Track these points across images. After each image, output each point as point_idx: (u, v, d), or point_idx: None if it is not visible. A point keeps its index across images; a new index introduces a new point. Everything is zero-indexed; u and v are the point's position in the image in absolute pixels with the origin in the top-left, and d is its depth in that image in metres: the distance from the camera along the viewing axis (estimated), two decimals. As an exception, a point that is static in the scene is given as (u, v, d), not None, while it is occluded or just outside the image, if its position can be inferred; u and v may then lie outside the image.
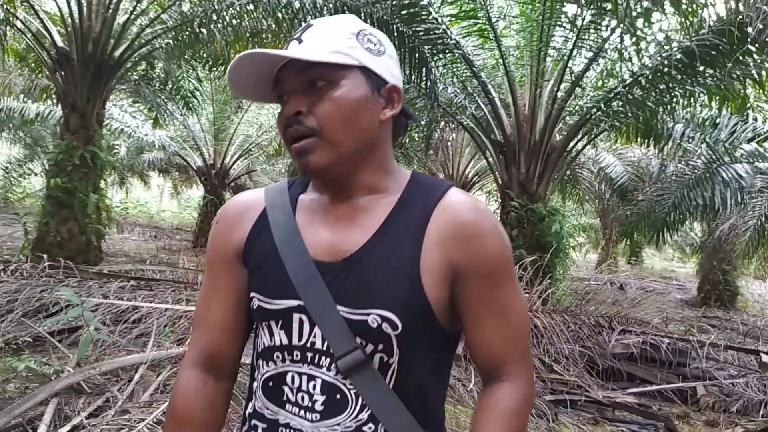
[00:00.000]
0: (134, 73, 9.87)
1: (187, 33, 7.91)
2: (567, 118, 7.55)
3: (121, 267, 7.72)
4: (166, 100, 11.00)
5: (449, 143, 13.35)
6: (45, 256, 6.00)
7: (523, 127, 7.22)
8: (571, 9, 6.39)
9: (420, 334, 0.87)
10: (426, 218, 0.88)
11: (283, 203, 0.96)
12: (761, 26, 5.38)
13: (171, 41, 8.16)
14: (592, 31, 6.69)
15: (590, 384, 4.53)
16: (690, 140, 8.80)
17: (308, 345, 0.88)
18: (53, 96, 10.67)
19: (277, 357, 0.91)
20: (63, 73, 7.81)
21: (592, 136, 8.00)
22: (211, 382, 0.98)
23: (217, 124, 13.44)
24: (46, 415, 2.90)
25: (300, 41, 0.87)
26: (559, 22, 6.56)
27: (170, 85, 10.37)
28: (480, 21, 6.91)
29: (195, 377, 0.97)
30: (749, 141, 8.28)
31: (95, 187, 8.07)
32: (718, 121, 8.53)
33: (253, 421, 0.94)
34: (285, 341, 0.90)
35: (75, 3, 7.59)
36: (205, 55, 8.94)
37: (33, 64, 9.96)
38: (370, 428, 0.87)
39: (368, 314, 0.85)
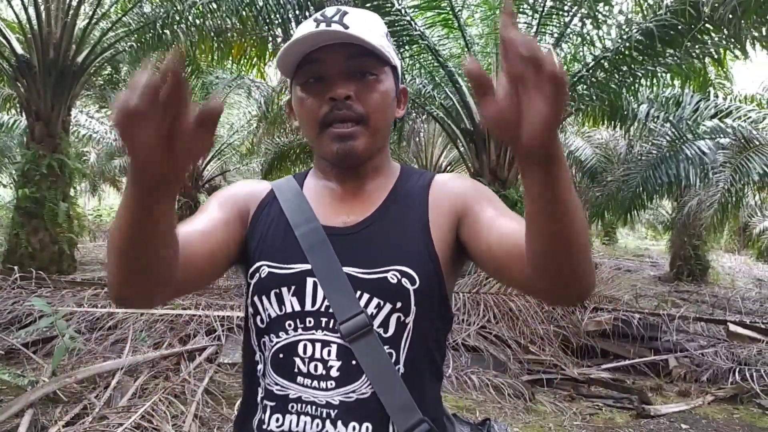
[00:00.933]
0: (99, 78, 9.74)
1: (151, 35, 7.82)
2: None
3: (95, 275, 7.63)
4: (133, 104, 10.85)
5: (421, 134, 13.42)
6: (16, 267, 5.92)
7: (491, 114, 7.29)
8: (531, -5, 6.47)
9: (431, 292, 0.89)
10: (426, 188, 0.97)
11: (290, 187, 1.00)
12: (716, 5, 5.51)
13: (134, 44, 8.06)
14: (554, 16, 6.78)
15: (565, 362, 4.63)
16: (655, 120, 8.96)
17: (322, 309, 0.87)
18: (17, 105, 10.48)
19: (289, 325, 0.88)
20: (25, 81, 7.68)
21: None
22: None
23: (187, 126, 13.29)
24: (22, 426, 2.88)
25: (345, 26, 0.87)
26: (521, 9, 6.62)
27: (136, 89, 10.23)
28: (444, 11, 6.95)
29: None
30: (712, 118, 8.46)
31: (65, 196, 7.96)
32: (681, 99, 8.70)
33: (265, 402, 0.91)
34: (297, 307, 0.88)
35: (33, 9, 7.45)
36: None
37: (-7, 74, 9.74)
38: None
39: (387, 271, 0.87)
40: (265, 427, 0.89)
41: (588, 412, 3.97)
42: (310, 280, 0.88)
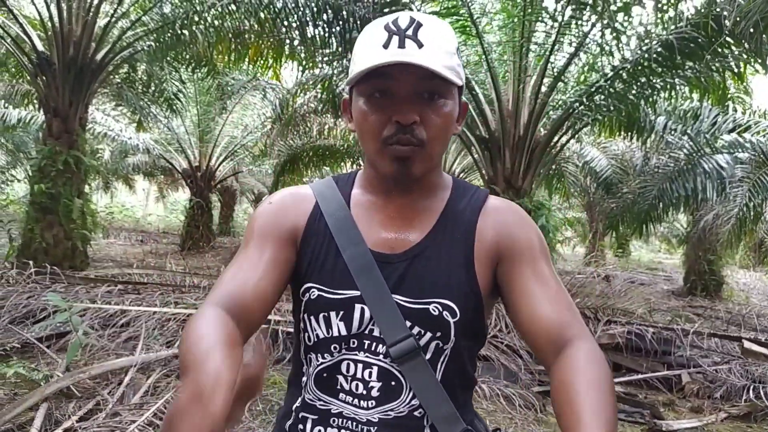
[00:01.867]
0: (116, 76, 9.81)
1: (169, 35, 7.87)
2: (550, 112, 7.62)
3: (107, 272, 7.68)
4: (149, 103, 10.94)
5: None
6: (31, 262, 5.97)
7: (507, 122, 7.28)
8: (551, 4, 6.46)
9: (471, 322, 0.92)
10: (475, 216, 0.96)
11: (334, 196, 0.99)
12: (737, 19, 5.47)
13: (153, 43, 8.12)
14: (573, 26, 6.76)
15: (578, 374, 4.59)
16: (672, 132, 8.90)
17: (366, 332, 0.91)
18: (35, 101, 10.59)
19: (334, 348, 0.92)
20: (44, 77, 7.75)
21: (576, 130, 8.07)
22: (232, 325, 0.79)
23: (202, 126, 13.37)
24: (37, 419, 2.90)
25: (420, 44, 0.85)
26: (540, 18, 6.62)
27: (153, 88, 10.31)
28: (462, 18, 6.94)
29: (216, 314, 0.79)
30: (730, 132, 8.39)
31: (79, 192, 8.03)
32: (699, 112, 8.65)
33: (302, 414, 0.95)
34: (344, 332, 0.92)
35: (55, 7, 7.54)
36: (187, 57, 8.91)
37: (13, 69, 9.86)
38: (420, 413, 0.91)
39: (429, 303, 0.90)
40: None
41: (600, 426, 3.93)
42: (358, 307, 0.91)
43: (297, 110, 11.72)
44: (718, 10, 5.67)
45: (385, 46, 0.85)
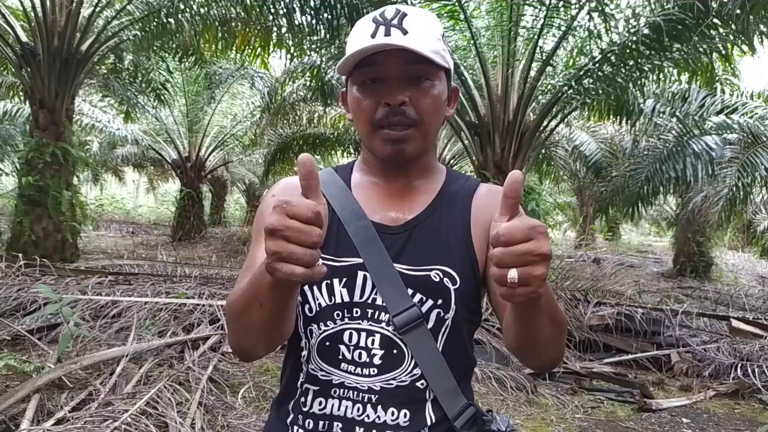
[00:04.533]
0: (102, 67, 9.71)
1: (155, 23, 7.80)
2: (539, 97, 7.61)
3: (98, 263, 7.65)
4: (136, 93, 10.84)
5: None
6: (20, 255, 5.93)
7: (496, 107, 7.27)
8: (539, -12, 6.43)
9: (470, 292, 0.95)
10: (469, 198, 1.01)
11: (335, 181, 1.02)
12: (726, 0, 5.48)
13: (138, 32, 8.05)
14: (561, 9, 6.74)
15: (568, 356, 4.64)
16: (661, 115, 8.92)
17: (369, 301, 0.93)
18: (20, 93, 10.47)
19: (337, 315, 0.94)
20: (29, 69, 7.66)
21: (565, 114, 8.08)
22: None
23: (191, 116, 13.27)
24: (29, 410, 2.90)
25: (404, 32, 0.90)
26: (528, 2, 6.59)
27: (140, 78, 10.21)
28: (450, 2, 6.90)
29: None
30: (718, 113, 8.42)
31: (68, 184, 7.97)
32: (687, 95, 8.66)
33: (305, 386, 0.96)
34: (346, 298, 0.93)
35: (38, -3, 7.43)
36: (174, 46, 8.83)
37: (-3, 61, 9.73)
38: (422, 384, 0.93)
39: (431, 270, 0.93)
40: (305, 409, 0.95)
41: (590, 406, 3.98)
42: (360, 274, 0.93)
43: (286, 99, 11.66)
44: (705, -10, 5.66)
45: (373, 35, 0.91)
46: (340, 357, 0.93)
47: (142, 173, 24.77)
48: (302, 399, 0.95)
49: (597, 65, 6.90)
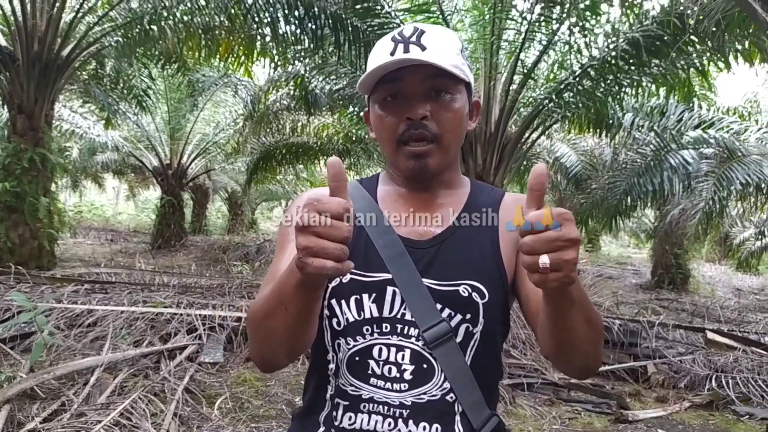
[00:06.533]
0: (84, 73, 9.61)
1: (138, 30, 7.75)
2: (521, 109, 7.70)
3: (75, 271, 7.54)
4: (117, 100, 10.74)
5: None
6: (-6, 262, 5.84)
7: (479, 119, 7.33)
8: (521, 3, 6.53)
9: (499, 305, 0.95)
10: (496, 206, 1.02)
11: (362, 194, 1.03)
12: (701, 17, 5.60)
13: (120, 39, 7.98)
14: (542, 24, 6.83)
15: (546, 367, 4.66)
16: (640, 129, 9.05)
17: (398, 317, 0.93)
18: (-1, 98, 10.32)
19: (366, 330, 0.94)
20: (8, 73, 7.57)
21: (546, 126, 8.17)
22: None
23: (173, 123, 13.18)
24: (-2, 421, 2.85)
25: (423, 48, 0.92)
26: (510, 16, 6.67)
27: (122, 84, 10.12)
28: (433, 15, 6.95)
29: None
30: (695, 128, 8.58)
31: (46, 191, 7.87)
32: (665, 109, 8.80)
33: (336, 400, 0.95)
34: (375, 314, 0.94)
35: (18, 1, 7.35)
36: (157, 53, 8.78)
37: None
38: (451, 398, 0.93)
39: (459, 285, 0.93)
40: (336, 423, 0.95)
41: (567, 417, 4.00)
42: (389, 289, 0.94)
43: (269, 107, 11.63)
44: (682, 8, 5.78)
45: (392, 53, 0.93)
46: (370, 372, 0.93)
47: (122, 180, 24.50)
48: (334, 413, 0.95)
49: (577, 79, 7.00)
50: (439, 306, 0.93)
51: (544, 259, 0.68)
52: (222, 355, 4.39)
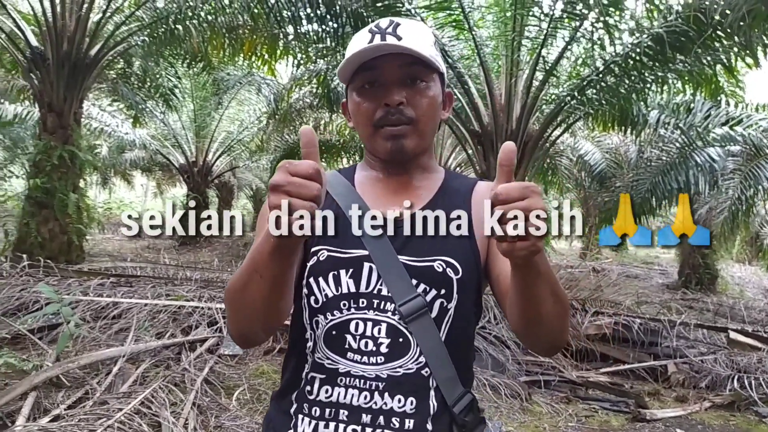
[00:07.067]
0: (111, 72, 9.83)
1: (163, 30, 7.89)
2: (543, 106, 7.64)
3: (102, 265, 7.72)
4: (145, 98, 10.96)
5: (431, 135, 13.42)
6: (25, 256, 6.01)
7: (499, 116, 7.30)
8: (543, -1, 6.49)
9: (471, 283, 0.99)
10: (470, 190, 1.06)
11: (340, 181, 1.06)
12: (727, 12, 5.50)
13: (147, 38, 8.14)
14: (564, 20, 6.77)
15: (564, 365, 4.64)
16: (666, 126, 8.92)
17: (375, 292, 0.96)
18: (30, 96, 10.60)
19: (344, 305, 0.97)
20: (38, 72, 7.78)
21: (568, 124, 8.10)
22: None
23: (198, 121, 13.40)
24: (25, 407, 2.95)
25: (399, 38, 0.96)
26: (531, 12, 6.64)
27: (149, 83, 10.33)
28: (454, 12, 6.96)
29: None
30: (723, 125, 8.41)
31: (75, 187, 8.06)
32: (692, 106, 8.65)
33: (311, 375, 0.98)
34: (353, 289, 0.97)
35: (48, 2, 7.55)
36: (182, 52, 8.93)
37: (8, 65, 9.87)
38: (426, 372, 0.96)
39: (434, 261, 0.97)
40: (311, 397, 0.97)
41: (584, 414, 3.98)
42: (366, 265, 0.97)
43: (292, 105, 11.73)
44: (707, 2, 5.69)
45: (369, 43, 0.97)
46: (347, 346, 0.96)
47: (150, 177, 24.91)
48: (308, 388, 0.98)
49: (600, 76, 6.92)
50: (414, 282, 0.96)
51: (512, 228, 0.72)
52: (241, 347, 4.48)
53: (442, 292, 0.96)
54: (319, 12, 7.11)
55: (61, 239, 7.84)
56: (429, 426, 0.95)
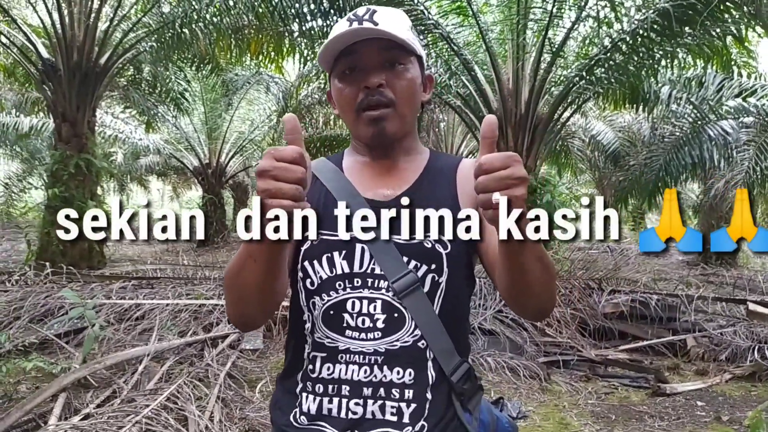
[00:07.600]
0: (122, 79, 9.97)
1: (170, 34, 7.98)
2: (551, 89, 7.60)
3: (123, 270, 7.87)
4: (156, 103, 11.10)
5: (442, 124, 13.44)
6: (47, 263, 6.15)
7: (508, 101, 7.29)
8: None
9: (460, 257, 1.02)
10: (454, 169, 1.09)
11: (328, 167, 1.10)
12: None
13: (155, 44, 8.24)
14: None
15: (582, 344, 4.66)
16: (678, 101, 8.83)
17: (368, 271, 1.00)
18: (44, 108, 10.80)
19: (339, 285, 1.01)
20: (51, 83, 7.93)
21: (578, 105, 8.05)
22: None
23: (210, 123, 13.52)
24: (56, 408, 3.05)
25: (376, 24, 1.00)
26: (535, -6, 6.60)
27: (159, 88, 10.46)
28: (459, -1, 6.96)
29: None
30: (736, 97, 8.31)
31: (92, 194, 8.22)
32: (703, 80, 8.55)
33: (312, 354, 1.02)
34: (347, 269, 1.01)
35: (57, 14, 7.68)
36: (190, 56, 9.02)
37: (21, 78, 10.07)
38: (422, 344, 1.00)
39: (423, 238, 0.98)
40: (314, 375, 1.01)
41: (603, 392, 4.01)
42: (358, 246, 1.01)
43: (301, 102, 11.80)
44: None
45: (347, 28, 1.00)
46: (344, 325, 0.99)
47: (165, 182, 25.20)
48: (310, 367, 1.01)
49: (608, 54, 6.86)
50: (405, 259, 0.99)
51: (497, 196, 0.75)
52: (262, 342, 4.56)
53: (433, 266, 1.00)
54: (322, 8, 7.15)
55: (81, 246, 7.99)
56: (428, 395, 0.99)
